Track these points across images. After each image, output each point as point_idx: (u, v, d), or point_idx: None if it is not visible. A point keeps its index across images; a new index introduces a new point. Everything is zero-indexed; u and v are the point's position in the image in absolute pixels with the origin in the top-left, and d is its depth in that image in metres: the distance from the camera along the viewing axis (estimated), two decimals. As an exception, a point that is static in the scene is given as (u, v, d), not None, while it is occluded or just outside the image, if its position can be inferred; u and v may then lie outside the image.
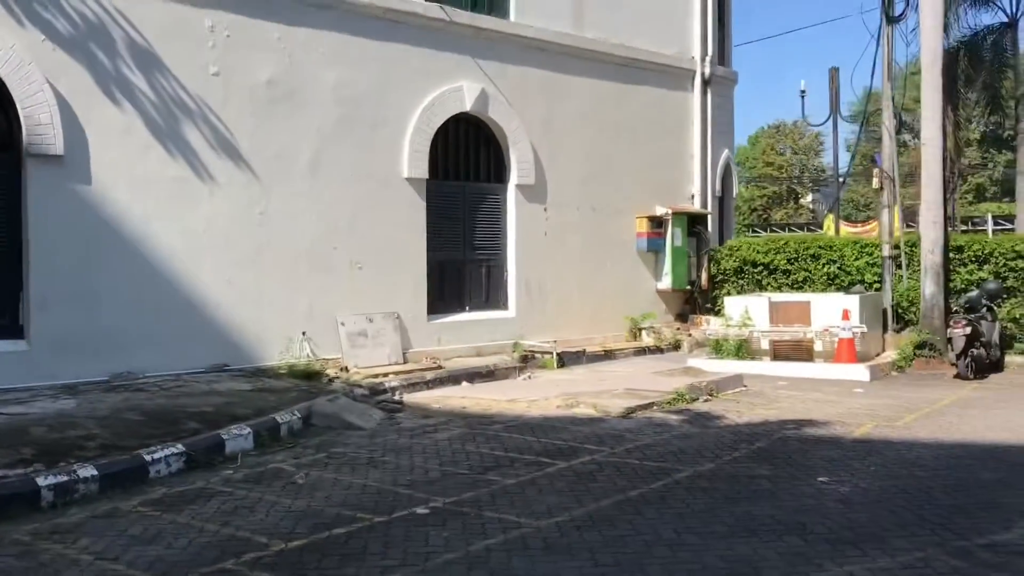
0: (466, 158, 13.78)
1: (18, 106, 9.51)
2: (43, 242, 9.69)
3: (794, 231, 38.58)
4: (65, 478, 6.32)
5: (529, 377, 12.42)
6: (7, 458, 6.55)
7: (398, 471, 7.17)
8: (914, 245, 15.04)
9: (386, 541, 5.38)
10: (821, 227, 38.62)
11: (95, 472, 6.51)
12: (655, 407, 9.93)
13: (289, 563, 5.02)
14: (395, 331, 12.43)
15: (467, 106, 13.27)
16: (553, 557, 5.09)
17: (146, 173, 10.35)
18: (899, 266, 15.09)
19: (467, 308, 13.67)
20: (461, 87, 13.18)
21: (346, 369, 11.52)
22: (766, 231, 42.20)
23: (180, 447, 7.23)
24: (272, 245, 11.36)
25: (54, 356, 9.66)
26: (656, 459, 7.51)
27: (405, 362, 12.34)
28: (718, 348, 13.82)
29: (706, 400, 10.49)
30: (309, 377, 10.80)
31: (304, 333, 11.57)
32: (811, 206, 61.51)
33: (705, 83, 16.71)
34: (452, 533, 5.52)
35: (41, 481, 6.21)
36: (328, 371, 11.24)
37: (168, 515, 5.99)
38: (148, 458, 6.95)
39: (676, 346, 15.15)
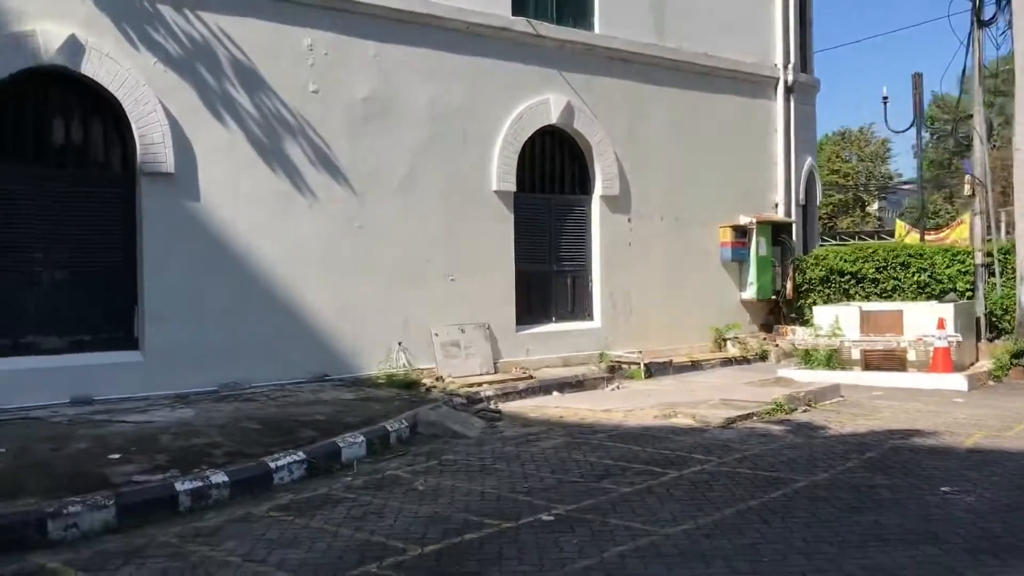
0: (552, 170, 13.90)
1: (133, 126, 9.91)
2: (156, 257, 10.06)
3: (864, 239, 37.89)
4: (200, 484, 6.57)
5: (617, 387, 12.45)
6: (145, 464, 6.83)
7: (513, 478, 7.28)
8: (1007, 252, 14.74)
9: (519, 547, 5.48)
10: (892, 235, 37.91)
11: (226, 478, 6.74)
12: (754, 417, 9.90)
13: (429, 567, 5.16)
14: (485, 341, 12.59)
15: (553, 119, 13.40)
16: (689, 564, 5.13)
17: (250, 189, 10.68)
18: (992, 274, 14.79)
19: (553, 319, 13.78)
20: (547, 100, 13.33)
21: (441, 379, 11.70)
22: (834, 240, 41.46)
23: (301, 455, 7.44)
24: (369, 258, 11.62)
25: (166, 367, 10.01)
26: (768, 469, 7.49)
27: (496, 372, 12.49)
28: (807, 358, 13.68)
29: (804, 410, 10.41)
30: (408, 387, 11.00)
31: (400, 343, 11.80)
32: (878, 214, 60.51)
33: (788, 90, 16.62)
34: (582, 540, 5.60)
35: (179, 486, 6.46)
36: (424, 380, 11.43)
37: (300, 520, 6.17)
38: (272, 465, 7.17)
39: (763, 356, 15.04)
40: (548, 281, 13.76)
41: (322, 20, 11.21)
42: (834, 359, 13.39)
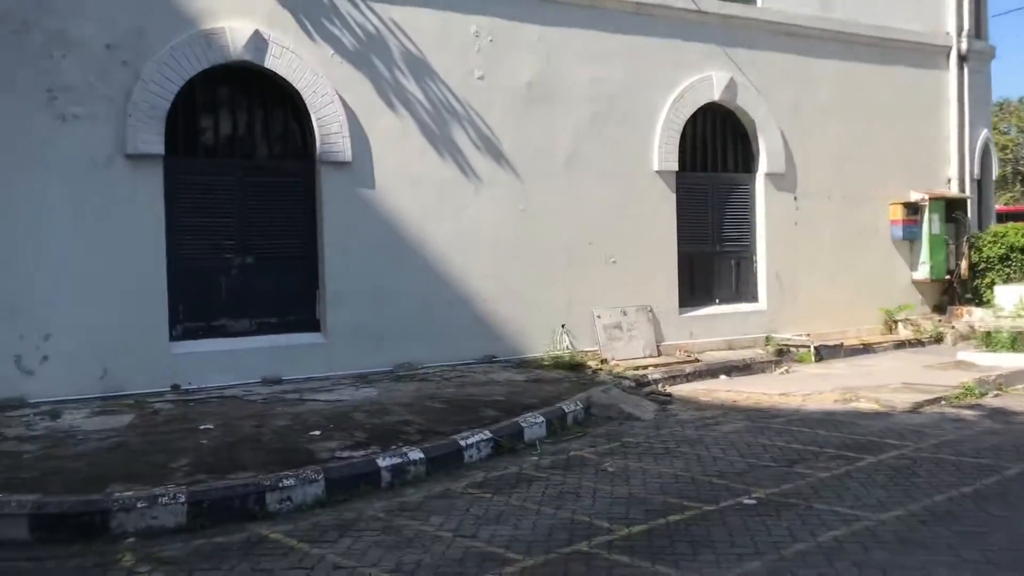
0: (713, 149, 13.61)
1: (312, 117, 10.28)
2: (335, 243, 10.43)
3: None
4: (399, 460, 6.78)
5: (787, 371, 12.11)
6: (345, 441, 7.11)
7: (701, 462, 7.19)
8: None
9: (728, 530, 5.40)
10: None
11: (422, 455, 6.94)
12: (942, 402, 9.46)
13: (642, 547, 5.15)
14: (648, 324, 12.49)
15: (716, 96, 13.11)
16: (911, 551, 4.94)
17: (421, 176, 10.92)
18: None
19: (717, 301, 13.52)
20: (710, 77, 13.05)
21: (605, 361, 11.69)
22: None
23: (487, 433, 7.57)
24: (532, 241, 11.70)
25: (346, 348, 10.39)
26: (972, 455, 7.13)
27: (659, 355, 12.37)
28: (989, 340, 12.93)
29: (996, 395, 9.87)
30: (573, 368, 11.05)
31: (563, 326, 11.85)
32: (1037, 189, 56.68)
33: (961, 59, 15.69)
34: (791, 524, 5.48)
35: (380, 462, 6.69)
36: (589, 363, 11.45)
37: (499, 497, 6.28)
38: (462, 443, 7.33)
39: (937, 339, 14.31)
40: (711, 262, 13.51)
41: (487, 6, 11.32)
42: (1019, 341, 12.62)
